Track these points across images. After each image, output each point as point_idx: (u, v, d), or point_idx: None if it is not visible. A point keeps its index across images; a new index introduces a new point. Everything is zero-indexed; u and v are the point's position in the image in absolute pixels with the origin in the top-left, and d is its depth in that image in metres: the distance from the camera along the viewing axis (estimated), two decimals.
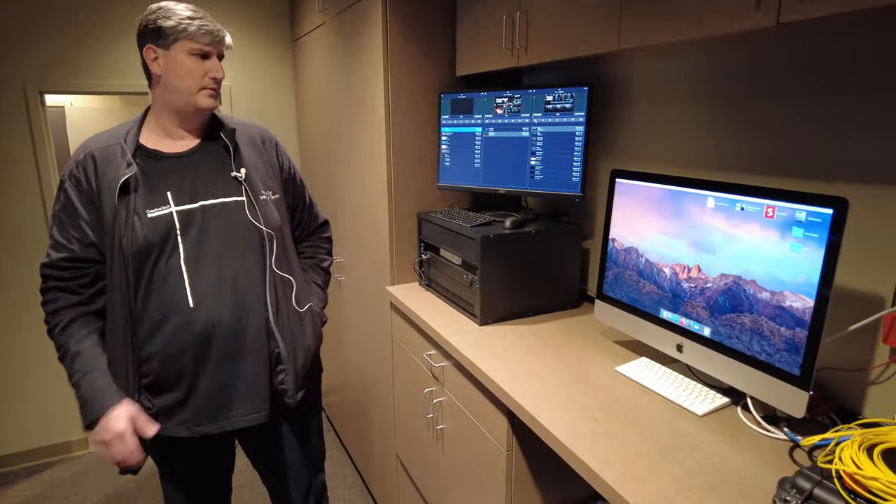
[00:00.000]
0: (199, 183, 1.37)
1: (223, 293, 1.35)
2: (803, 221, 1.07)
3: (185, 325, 1.32)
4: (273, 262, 1.42)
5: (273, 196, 1.48)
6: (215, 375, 1.37)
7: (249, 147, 1.48)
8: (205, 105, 1.36)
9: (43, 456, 3.04)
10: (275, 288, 1.43)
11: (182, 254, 1.33)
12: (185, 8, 1.31)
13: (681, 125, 1.58)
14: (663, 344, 1.40)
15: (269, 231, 1.41)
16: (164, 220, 1.32)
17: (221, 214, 1.37)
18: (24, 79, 2.69)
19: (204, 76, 1.33)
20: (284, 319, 1.45)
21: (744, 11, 1.03)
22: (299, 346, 1.48)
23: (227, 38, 1.38)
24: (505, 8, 1.71)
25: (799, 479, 0.83)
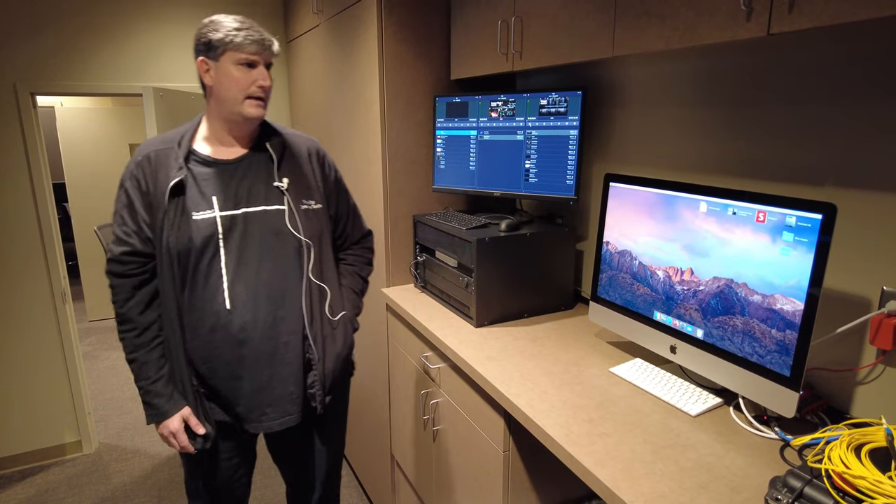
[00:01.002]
0: (244, 190, 1.42)
1: (259, 298, 1.40)
2: (793, 226, 1.10)
3: (222, 327, 1.38)
4: (310, 271, 1.46)
5: (315, 206, 1.50)
6: (251, 378, 1.42)
7: (296, 158, 1.50)
8: (251, 114, 1.39)
9: (36, 459, 3.03)
10: (310, 296, 1.46)
11: (223, 257, 1.38)
12: (232, 20, 1.35)
13: (673, 129, 1.61)
14: (657, 345, 1.43)
15: (307, 240, 1.45)
16: (207, 224, 1.37)
17: (262, 222, 1.41)
18: (15, 80, 2.68)
19: (251, 85, 1.36)
20: (318, 327, 1.48)
21: (735, 22, 1.05)
22: (330, 352, 1.51)
23: (274, 45, 1.39)
24: (500, 13, 1.73)
25: (790, 479, 0.85)
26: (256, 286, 1.39)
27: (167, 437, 1.43)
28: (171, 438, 1.43)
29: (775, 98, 1.33)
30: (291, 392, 1.46)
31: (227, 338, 1.39)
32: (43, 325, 2.93)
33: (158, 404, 1.40)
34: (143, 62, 2.92)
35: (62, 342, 2.97)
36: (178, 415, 1.41)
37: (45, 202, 2.81)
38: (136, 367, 1.42)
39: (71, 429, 3.08)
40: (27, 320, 2.89)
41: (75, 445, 3.10)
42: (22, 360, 2.92)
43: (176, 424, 1.41)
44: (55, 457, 3.07)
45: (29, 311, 2.89)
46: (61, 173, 5.33)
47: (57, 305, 2.92)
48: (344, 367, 1.59)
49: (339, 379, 1.58)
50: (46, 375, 2.98)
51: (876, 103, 1.14)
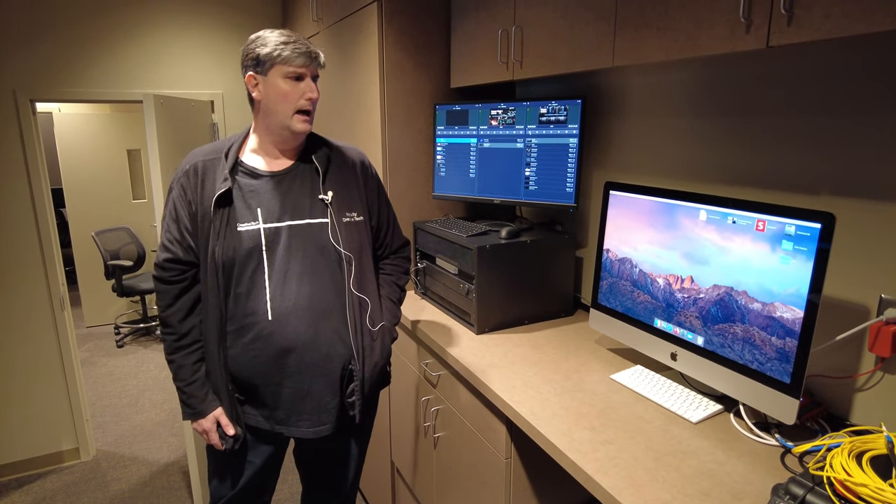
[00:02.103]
0: (289, 203, 1.43)
1: (301, 310, 1.41)
2: (793, 235, 1.11)
3: (264, 337, 1.40)
4: (351, 283, 1.47)
5: (357, 218, 1.51)
6: (291, 386, 1.44)
7: (342, 169, 1.51)
8: (298, 129, 1.40)
9: (34, 467, 3.02)
10: (352, 308, 1.46)
11: (266, 269, 1.40)
12: (279, 34, 1.35)
13: (672, 138, 1.62)
14: (657, 352, 1.44)
15: (349, 254, 1.45)
16: (251, 235, 1.39)
17: (306, 234, 1.43)
18: (15, 87, 2.68)
19: (300, 98, 1.37)
20: (360, 338, 1.48)
21: (735, 34, 1.07)
22: (369, 363, 1.51)
23: (320, 57, 1.40)
24: (500, 22, 1.75)
25: (792, 486, 0.86)
26: (299, 298, 1.41)
27: (200, 433, 1.48)
28: (203, 435, 1.47)
29: (773, 108, 1.35)
30: (328, 402, 1.47)
31: (269, 348, 1.40)
32: (41, 332, 2.92)
33: (193, 404, 1.45)
34: (142, 69, 2.93)
35: (60, 348, 2.96)
36: (211, 415, 1.45)
37: (43, 208, 2.80)
38: (174, 368, 1.46)
39: (69, 436, 3.06)
40: (25, 327, 2.89)
41: (73, 453, 3.09)
42: (20, 366, 2.91)
43: (208, 424, 1.45)
44: (53, 464, 3.05)
45: (27, 317, 2.88)
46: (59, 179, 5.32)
47: (55, 311, 2.91)
48: (381, 377, 1.59)
49: (375, 388, 1.58)
50: (44, 382, 2.97)
51: (873, 113, 1.16)
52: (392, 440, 2.22)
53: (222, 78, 3.10)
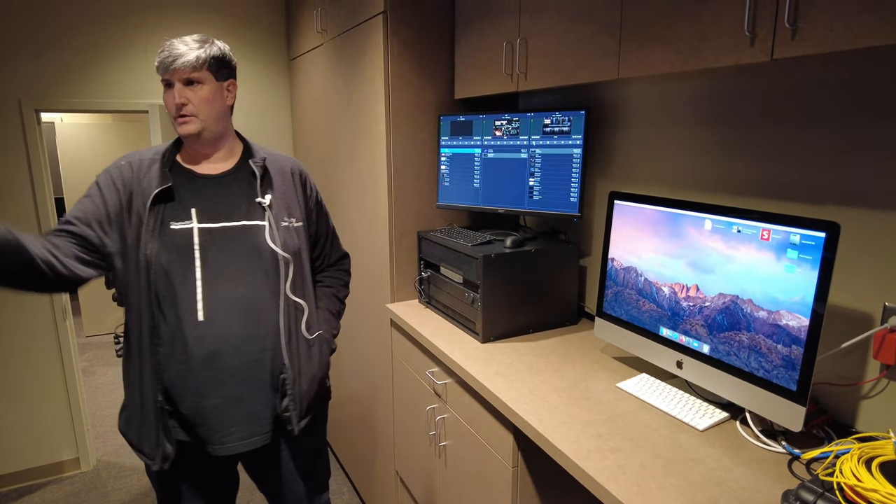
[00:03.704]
0: (225, 204, 1.43)
1: (234, 312, 1.38)
2: (798, 244, 1.13)
3: (194, 339, 1.35)
4: (288, 287, 1.45)
5: (296, 224, 1.52)
6: (219, 396, 1.38)
7: (279, 176, 1.52)
8: (181, 132, 1.40)
9: (34, 477, 3.00)
10: (287, 313, 1.45)
11: (198, 269, 1.37)
12: (166, 43, 1.39)
13: (675, 149, 1.64)
14: (663, 360, 1.45)
15: (286, 255, 1.45)
16: (184, 235, 1.37)
17: (241, 236, 1.41)
18: (21, 96, 2.70)
19: (172, 106, 1.39)
20: (294, 345, 1.47)
21: (739, 47, 1.09)
22: (305, 373, 1.49)
23: (178, 61, 1.35)
24: (505, 35, 1.77)
25: (802, 492, 0.87)
26: (231, 300, 1.38)
27: None
28: None
29: (777, 118, 1.37)
30: (260, 411, 1.43)
31: (198, 351, 1.35)
32: (43, 341, 2.91)
33: None
34: (147, 79, 2.95)
35: (62, 358, 2.96)
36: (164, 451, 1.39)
37: (47, 217, 2.81)
38: None
39: (69, 446, 3.05)
40: (28, 336, 2.88)
41: (73, 463, 3.08)
42: (21, 375, 2.90)
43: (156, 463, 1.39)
44: (53, 474, 3.04)
45: (29, 327, 2.88)
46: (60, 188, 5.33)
47: (57, 321, 2.91)
48: (320, 390, 1.57)
49: (314, 401, 1.55)
50: (45, 392, 2.96)
51: (877, 124, 1.18)
52: (395, 449, 2.22)
53: None
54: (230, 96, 1.48)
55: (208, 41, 1.41)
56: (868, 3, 0.89)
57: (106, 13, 2.81)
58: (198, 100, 1.39)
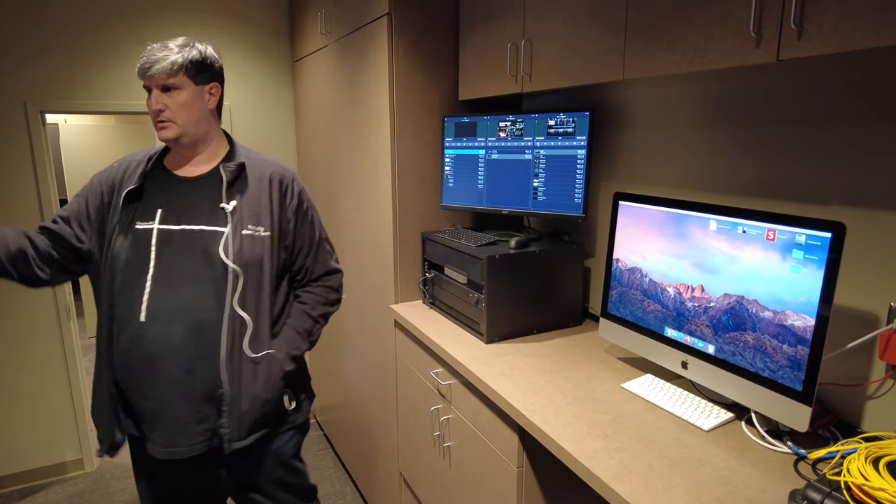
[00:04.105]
0: (190, 207, 1.43)
1: (175, 318, 1.37)
2: (803, 244, 1.13)
3: (136, 339, 1.38)
4: (235, 300, 1.41)
5: (263, 233, 1.46)
6: (152, 398, 1.39)
7: (255, 182, 1.49)
8: (161, 137, 1.43)
9: (38, 477, 3.01)
10: (232, 326, 1.41)
11: (151, 269, 1.39)
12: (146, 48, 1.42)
13: (679, 149, 1.65)
14: (668, 361, 1.45)
15: (236, 267, 1.41)
16: (145, 235, 1.41)
17: (197, 241, 1.41)
18: (26, 98, 2.71)
19: (151, 111, 1.41)
20: (235, 361, 1.42)
21: (745, 48, 1.09)
22: (247, 392, 1.43)
23: (154, 67, 1.36)
24: (509, 36, 1.78)
25: (809, 491, 0.87)
26: (174, 305, 1.37)
27: None
28: None
29: (782, 119, 1.37)
30: (186, 423, 1.40)
31: (136, 351, 1.37)
32: (47, 342, 2.92)
33: None
34: None
35: (66, 359, 2.97)
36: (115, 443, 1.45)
37: None
38: None
39: (73, 447, 3.05)
40: (32, 337, 2.89)
41: (76, 463, 3.08)
42: (25, 376, 2.91)
43: None
44: (56, 475, 3.04)
45: (34, 327, 2.89)
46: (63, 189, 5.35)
47: (62, 322, 2.92)
48: (271, 414, 1.49)
49: (262, 425, 1.48)
50: (49, 392, 2.96)
51: (882, 124, 1.18)
52: (399, 450, 2.22)
53: (230, 90, 3.14)
54: (212, 100, 1.48)
55: (188, 45, 1.42)
56: (875, 3, 0.89)
57: (110, 16, 2.82)
58: (175, 105, 1.40)
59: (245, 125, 3.21)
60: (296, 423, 1.61)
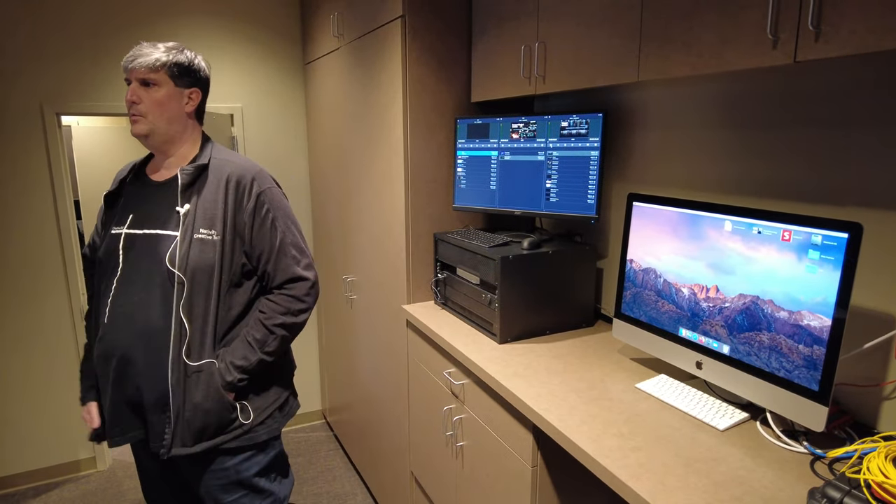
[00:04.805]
0: (154, 211, 1.47)
1: (128, 320, 1.42)
2: (819, 245, 1.14)
3: (100, 339, 1.45)
4: (181, 306, 1.40)
5: (214, 237, 1.44)
6: (114, 394, 1.46)
7: (213, 184, 1.47)
8: (132, 132, 1.47)
9: (51, 476, 3.04)
10: (179, 332, 1.41)
11: (118, 273, 1.44)
12: None
13: (693, 150, 1.65)
14: (682, 361, 1.46)
15: (180, 274, 1.40)
16: (115, 239, 1.46)
17: (151, 245, 1.44)
18: (42, 101, 2.74)
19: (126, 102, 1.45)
20: (176, 368, 1.42)
21: (761, 50, 1.10)
22: (189, 402, 1.43)
23: (138, 60, 1.41)
24: (522, 39, 1.79)
25: (829, 489, 0.88)
26: (129, 308, 1.42)
27: None
28: None
29: (796, 120, 1.38)
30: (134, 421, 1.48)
31: (101, 349, 1.45)
32: (61, 342, 2.95)
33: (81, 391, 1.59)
34: None
35: (79, 358, 2.99)
36: (85, 406, 1.56)
37: (66, 220, 2.85)
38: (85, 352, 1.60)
39: (85, 445, 3.08)
40: (46, 336, 2.92)
41: (89, 462, 3.11)
42: (39, 375, 2.94)
43: (84, 414, 1.57)
44: (69, 473, 3.07)
45: (48, 327, 2.92)
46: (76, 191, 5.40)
47: (76, 322, 2.95)
48: (215, 425, 1.45)
49: (208, 435, 1.46)
50: (62, 391, 2.99)
51: None
52: (411, 450, 2.23)
53: (242, 92, 3.16)
54: (191, 104, 1.50)
55: (178, 49, 1.46)
56: (892, 5, 0.90)
57: (125, 18, 2.85)
58: (150, 101, 1.43)
59: (256, 126, 3.24)
60: (255, 440, 1.53)
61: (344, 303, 2.93)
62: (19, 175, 2.76)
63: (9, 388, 2.89)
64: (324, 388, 3.58)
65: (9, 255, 2.80)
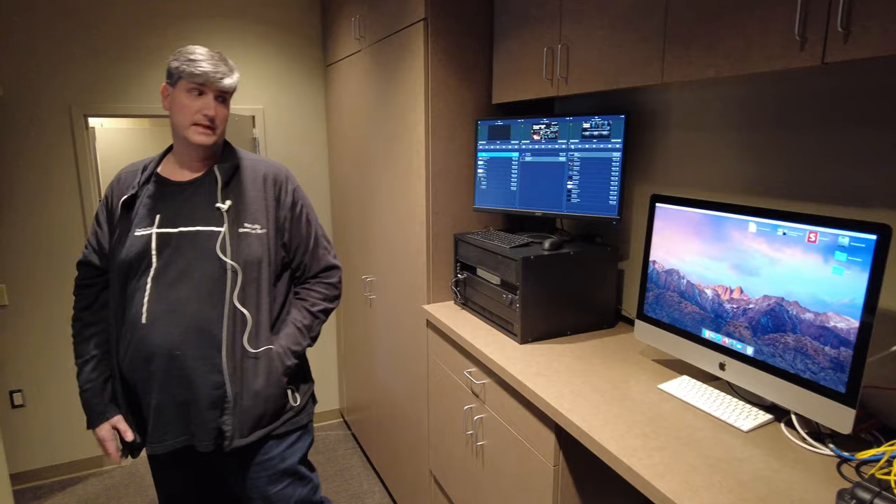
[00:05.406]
0: (186, 210, 1.48)
1: (175, 317, 1.41)
2: (846, 246, 1.13)
3: (138, 340, 1.42)
4: (235, 296, 1.45)
5: (259, 230, 1.50)
6: (157, 398, 1.43)
7: (250, 182, 1.54)
8: (196, 141, 1.46)
9: (75, 470, 3.10)
10: (231, 323, 1.44)
11: (151, 272, 1.44)
12: (193, 50, 1.44)
13: (716, 151, 1.65)
14: (705, 363, 1.46)
15: (234, 264, 1.45)
16: (144, 240, 1.45)
17: (194, 242, 1.45)
18: (71, 102, 2.81)
19: (196, 112, 1.44)
20: (237, 357, 1.45)
21: (788, 51, 1.10)
22: (247, 389, 1.46)
23: (225, 80, 1.45)
24: (545, 41, 1.80)
25: (858, 490, 0.88)
26: (173, 304, 1.41)
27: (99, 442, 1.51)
28: (102, 445, 1.52)
29: (821, 121, 1.37)
30: (192, 419, 1.45)
31: (140, 352, 1.42)
32: None
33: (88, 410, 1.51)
34: None
35: None
36: (107, 423, 1.50)
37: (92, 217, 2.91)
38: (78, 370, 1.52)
39: None
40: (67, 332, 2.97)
41: None
42: (66, 371, 3.00)
43: (103, 432, 1.50)
44: (94, 467, 3.13)
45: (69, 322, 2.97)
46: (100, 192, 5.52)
47: None
48: (273, 411, 1.51)
49: (265, 422, 1.51)
50: None
51: None
52: (430, 449, 2.25)
53: (263, 94, 3.21)
54: None
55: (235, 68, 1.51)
56: None
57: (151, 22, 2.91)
58: (222, 116, 1.48)
59: (277, 128, 3.28)
60: (300, 423, 1.61)
61: (363, 302, 2.95)
62: (48, 175, 2.83)
63: (36, 384, 2.96)
64: (342, 386, 3.61)
65: (38, 255, 2.87)
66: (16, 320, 2.88)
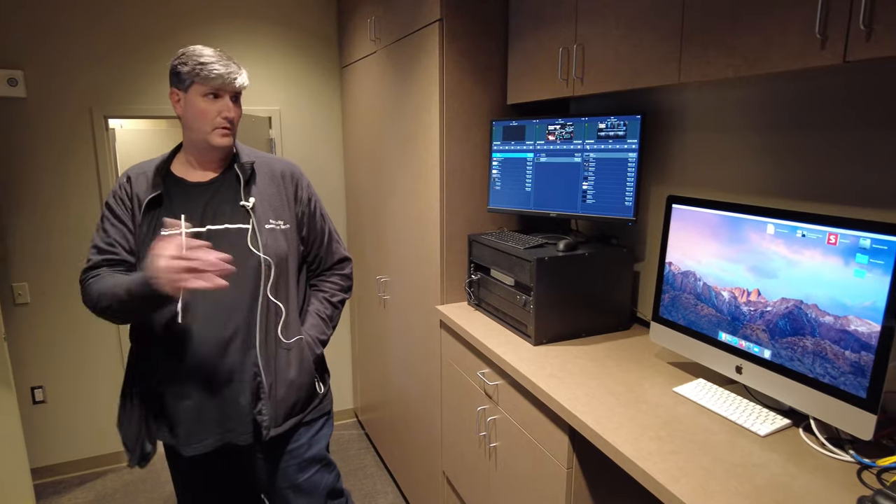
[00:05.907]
0: (211, 209, 1.49)
1: (212, 313, 1.43)
2: (868, 248, 1.11)
3: (174, 339, 1.43)
4: (269, 290, 1.48)
5: (283, 226, 1.54)
6: (195, 397, 1.44)
7: (267, 179, 1.56)
8: (218, 144, 1.46)
9: (93, 465, 3.15)
10: (266, 316, 1.47)
11: None
12: (201, 53, 1.42)
13: (734, 152, 1.63)
14: (721, 366, 1.44)
15: (268, 258, 1.48)
16: None
17: (224, 239, 1.46)
18: (91, 104, 2.86)
19: (216, 116, 1.44)
20: (272, 349, 1.49)
21: (809, 50, 1.08)
22: (282, 378, 1.50)
23: (238, 79, 1.45)
24: (560, 41, 1.79)
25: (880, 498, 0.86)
26: (209, 303, 1.42)
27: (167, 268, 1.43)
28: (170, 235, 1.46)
29: (840, 122, 1.35)
30: (234, 413, 1.46)
31: (179, 350, 1.42)
32: (105, 335, 3.06)
33: None
34: None
35: (122, 351, 3.10)
36: None
37: None
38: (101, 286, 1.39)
39: None
40: (92, 330, 3.03)
41: None
42: (86, 368, 3.05)
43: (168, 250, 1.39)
44: (112, 463, 3.18)
45: (94, 320, 3.03)
46: None
47: None
48: (304, 398, 1.56)
49: (297, 410, 1.55)
50: (107, 384, 3.10)
51: None
52: (443, 450, 2.25)
53: (280, 95, 3.24)
54: None
55: None
56: None
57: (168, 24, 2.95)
58: (237, 115, 1.49)
59: (294, 129, 3.31)
60: (325, 410, 1.68)
61: (377, 303, 2.96)
62: (68, 176, 2.88)
63: (57, 381, 3.01)
64: (356, 386, 3.63)
65: (59, 253, 2.92)
66: (37, 318, 2.93)
